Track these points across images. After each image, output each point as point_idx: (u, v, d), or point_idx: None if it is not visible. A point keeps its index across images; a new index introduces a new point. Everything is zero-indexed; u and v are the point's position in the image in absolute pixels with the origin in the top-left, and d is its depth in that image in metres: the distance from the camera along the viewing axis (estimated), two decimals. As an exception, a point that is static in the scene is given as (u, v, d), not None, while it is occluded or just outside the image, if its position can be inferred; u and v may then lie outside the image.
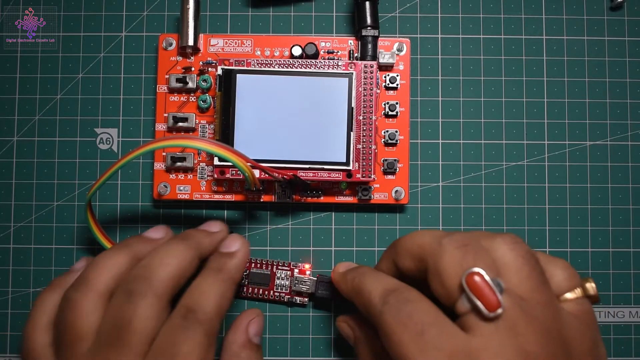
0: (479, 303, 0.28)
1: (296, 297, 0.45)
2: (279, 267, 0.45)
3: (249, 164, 0.38)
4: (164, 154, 0.44)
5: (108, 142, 0.46)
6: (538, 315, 0.29)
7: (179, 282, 0.35)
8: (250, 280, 0.45)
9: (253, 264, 0.45)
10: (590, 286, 0.32)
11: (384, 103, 0.44)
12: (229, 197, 0.44)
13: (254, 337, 0.41)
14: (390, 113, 0.44)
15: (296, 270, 0.45)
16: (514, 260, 0.31)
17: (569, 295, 0.32)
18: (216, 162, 0.42)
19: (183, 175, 0.44)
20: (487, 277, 0.29)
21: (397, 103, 0.44)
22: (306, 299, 0.45)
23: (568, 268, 0.33)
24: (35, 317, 0.36)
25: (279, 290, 0.44)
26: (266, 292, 0.44)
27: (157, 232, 0.39)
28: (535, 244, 0.45)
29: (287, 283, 0.45)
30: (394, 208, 0.46)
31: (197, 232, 0.39)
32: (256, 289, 0.45)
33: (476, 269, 0.29)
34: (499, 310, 0.28)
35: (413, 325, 0.29)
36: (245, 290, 0.45)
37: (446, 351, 0.28)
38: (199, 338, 0.33)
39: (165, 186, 0.44)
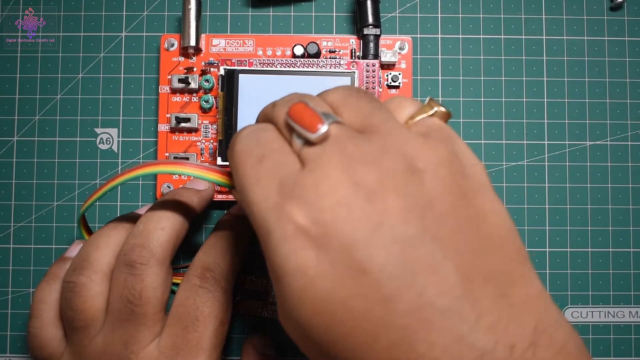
0: (299, 128, 0.25)
1: None
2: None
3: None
4: (167, 154, 0.44)
5: (108, 142, 0.46)
6: (372, 138, 0.25)
7: (176, 244, 0.36)
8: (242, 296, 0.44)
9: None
10: (436, 106, 0.28)
11: (385, 102, 0.44)
12: (231, 198, 0.44)
13: (266, 350, 0.42)
14: (392, 112, 0.44)
15: None
16: (342, 96, 0.28)
17: (417, 119, 0.28)
18: (219, 162, 0.42)
19: (186, 176, 0.44)
20: (309, 104, 0.26)
21: (399, 102, 0.44)
22: None
23: (408, 99, 0.29)
24: (42, 313, 0.36)
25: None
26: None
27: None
28: (535, 244, 0.46)
29: None
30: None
31: (185, 190, 0.39)
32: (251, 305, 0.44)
33: (297, 101, 0.26)
34: (322, 128, 0.25)
35: (255, 152, 0.26)
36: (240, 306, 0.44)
37: (277, 180, 0.25)
38: (218, 297, 0.35)
39: (169, 187, 0.44)
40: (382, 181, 0.23)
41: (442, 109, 0.28)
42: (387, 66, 0.45)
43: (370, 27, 0.44)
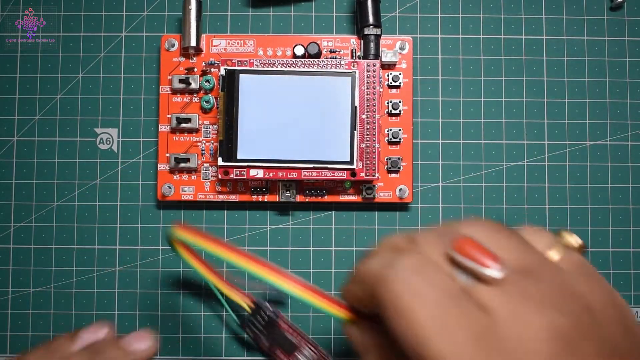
0: (478, 266, 0.23)
1: None
2: (307, 344, 0.43)
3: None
4: (168, 154, 0.44)
5: (108, 142, 0.46)
6: (543, 278, 0.23)
7: None
8: (274, 341, 0.43)
9: (284, 323, 0.43)
10: (572, 238, 0.27)
11: (387, 101, 0.44)
12: (233, 198, 0.44)
13: None
14: (393, 111, 0.44)
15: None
16: (489, 234, 0.25)
17: (553, 255, 0.26)
18: (220, 162, 0.42)
19: (187, 176, 0.44)
20: (476, 239, 0.24)
21: (400, 101, 0.44)
22: None
23: (539, 230, 0.27)
24: None
25: None
26: None
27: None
28: (536, 243, 0.46)
29: None
30: (395, 207, 0.46)
31: (112, 347, 0.34)
32: (278, 350, 0.43)
33: (461, 236, 0.24)
34: (496, 266, 0.23)
35: (430, 296, 0.23)
36: (269, 348, 0.43)
37: (468, 330, 0.22)
38: None
39: (170, 187, 0.44)
40: (574, 326, 0.22)
41: (580, 241, 0.27)
42: (387, 66, 0.45)
43: (371, 27, 0.44)
